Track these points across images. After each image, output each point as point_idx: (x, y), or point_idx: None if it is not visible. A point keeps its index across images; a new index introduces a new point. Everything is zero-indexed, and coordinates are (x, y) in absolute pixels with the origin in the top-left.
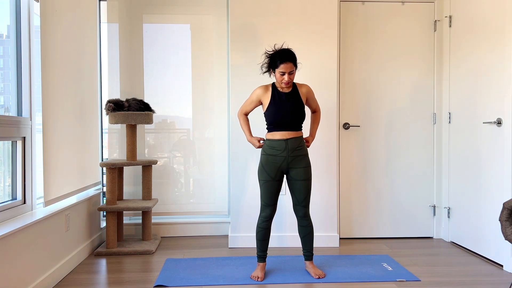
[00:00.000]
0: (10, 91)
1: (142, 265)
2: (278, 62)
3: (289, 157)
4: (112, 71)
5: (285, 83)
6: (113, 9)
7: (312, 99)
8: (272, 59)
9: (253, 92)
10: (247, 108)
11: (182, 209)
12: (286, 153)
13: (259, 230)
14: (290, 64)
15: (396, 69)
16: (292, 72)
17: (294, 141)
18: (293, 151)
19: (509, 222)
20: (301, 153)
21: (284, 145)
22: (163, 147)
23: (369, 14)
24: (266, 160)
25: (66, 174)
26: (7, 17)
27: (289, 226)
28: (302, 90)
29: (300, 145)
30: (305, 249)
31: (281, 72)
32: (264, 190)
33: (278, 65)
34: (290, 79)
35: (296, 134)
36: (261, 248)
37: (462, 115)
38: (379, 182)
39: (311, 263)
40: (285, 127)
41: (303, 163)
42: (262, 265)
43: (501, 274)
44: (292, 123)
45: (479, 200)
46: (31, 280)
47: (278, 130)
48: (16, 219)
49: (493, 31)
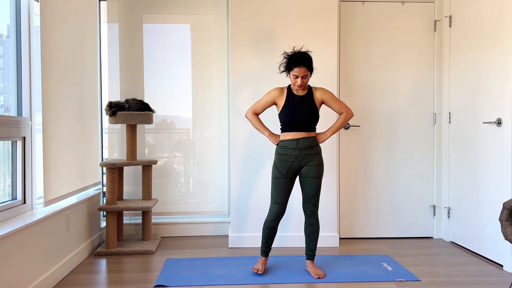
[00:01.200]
0: (10, 91)
1: (142, 265)
2: (293, 65)
3: (300, 156)
4: (112, 71)
5: (298, 86)
6: (113, 9)
7: (331, 101)
8: (289, 61)
9: (269, 93)
10: (259, 108)
11: (182, 209)
12: (297, 152)
13: (265, 228)
14: (304, 69)
15: (396, 69)
16: (305, 76)
17: (305, 140)
18: (304, 149)
19: (509, 222)
20: (312, 152)
21: (295, 144)
22: (163, 147)
23: (369, 14)
24: (279, 159)
25: (66, 174)
26: (7, 17)
27: (292, 226)
28: (317, 94)
29: (312, 144)
30: (308, 248)
31: (294, 75)
32: (274, 187)
33: (293, 68)
34: (303, 82)
35: (307, 134)
36: (265, 244)
37: (462, 115)
38: (379, 182)
39: (312, 263)
40: (297, 128)
41: (315, 162)
42: (264, 259)
43: (501, 274)
44: (304, 125)
45: (479, 200)
46: (31, 280)
47: (290, 131)
48: (16, 219)
49: (493, 31)
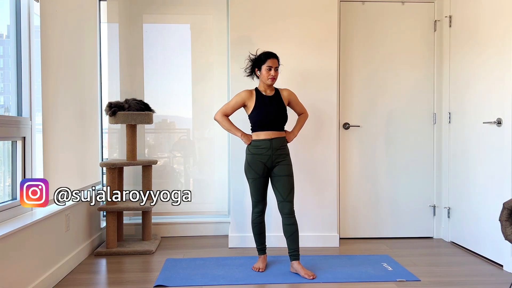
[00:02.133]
0: (10, 91)
1: (142, 265)
2: (265, 58)
3: (274, 156)
4: (112, 71)
5: (271, 78)
6: (113, 9)
7: (295, 102)
8: (257, 58)
9: (238, 95)
10: (229, 110)
11: (182, 209)
12: (271, 152)
13: (254, 226)
14: (276, 60)
15: (396, 69)
16: (277, 68)
17: (278, 140)
18: (277, 150)
19: (509, 222)
20: (283, 152)
21: (269, 144)
22: (163, 147)
23: (369, 14)
24: (253, 159)
25: (66, 174)
26: (7, 17)
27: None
28: (284, 94)
29: (283, 145)
30: (292, 248)
31: (268, 66)
32: (253, 188)
33: (265, 61)
34: (275, 75)
35: (279, 134)
36: (259, 241)
37: (462, 115)
38: (379, 182)
39: (299, 263)
40: (269, 127)
41: (286, 161)
42: (262, 257)
43: (501, 274)
44: (275, 124)
45: (479, 200)
46: (31, 280)
47: (262, 130)
48: (16, 219)
49: (493, 31)
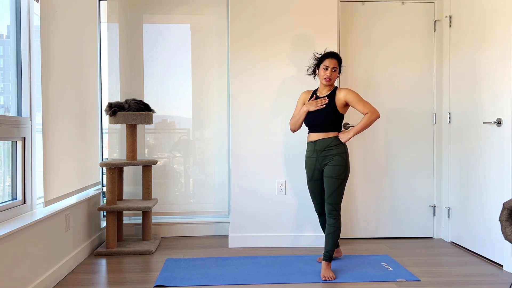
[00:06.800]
0: (10, 91)
1: (142, 265)
2: (323, 56)
3: (319, 157)
4: (112, 71)
5: (326, 78)
6: (113, 9)
7: (355, 102)
8: (321, 57)
9: (299, 98)
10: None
11: (182, 209)
12: (316, 154)
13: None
14: (334, 61)
15: (396, 69)
16: (335, 69)
17: (322, 142)
18: (321, 151)
19: (509, 222)
20: (331, 153)
21: (313, 147)
22: (163, 147)
23: (369, 14)
24: (305, 162)
25: (66, 174)
26: (7, 17)
27: (291, 227)
28: (339, 95)
29: (329, 146)
30: (324, 248)
31: (325, 66)
32: (309, 189)
33: (323, 60)
34: (332, 75)
35: (324, 135)
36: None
37: (462, 115)
38: (379, 182)
39: (325, 263)
40: (313, 129)
41: (334, 162)
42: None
43: (501, 274)
44: (321, 126)
45: (478, 200)
46: (31, 280)
47: (309, 132)
48: (16, 219)
49: (493, 31)
